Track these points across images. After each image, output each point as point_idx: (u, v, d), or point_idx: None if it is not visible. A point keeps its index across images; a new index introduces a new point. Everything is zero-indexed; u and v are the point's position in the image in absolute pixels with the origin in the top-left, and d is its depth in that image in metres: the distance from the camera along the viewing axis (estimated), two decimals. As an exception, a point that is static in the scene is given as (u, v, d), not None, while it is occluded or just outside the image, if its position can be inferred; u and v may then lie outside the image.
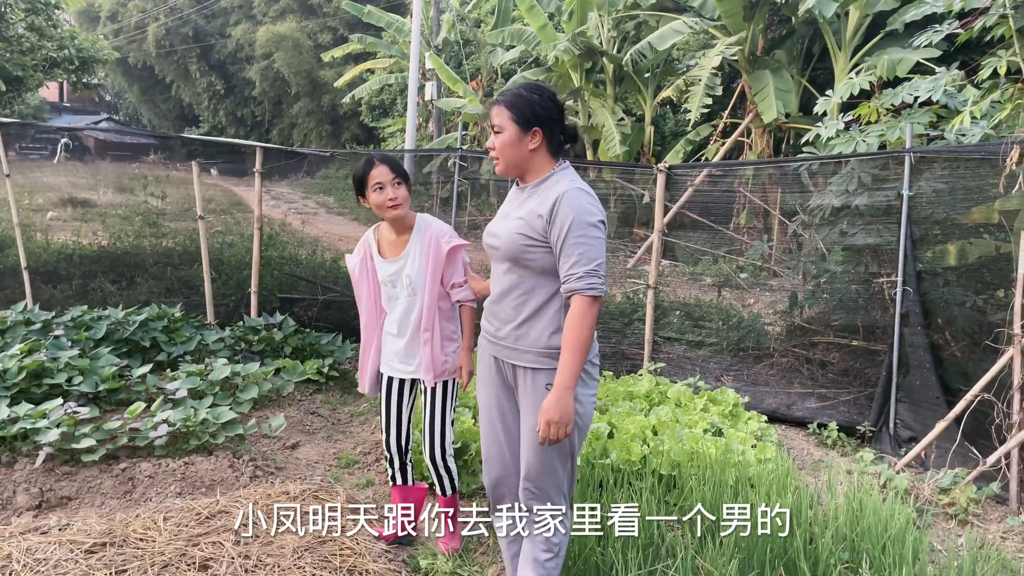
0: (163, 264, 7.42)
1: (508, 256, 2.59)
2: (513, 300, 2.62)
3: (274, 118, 32.52)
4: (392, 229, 3.29)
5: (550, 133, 2.59)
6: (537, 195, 2.58)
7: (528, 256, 2.54)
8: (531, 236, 2.52)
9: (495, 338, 2.72)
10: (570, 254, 2.45)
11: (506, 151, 2.59)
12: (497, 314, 2.70)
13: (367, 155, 3.24)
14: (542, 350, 2.58)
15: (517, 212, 2.60)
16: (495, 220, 2.72)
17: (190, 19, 32.10)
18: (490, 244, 2.69)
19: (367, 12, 18.85)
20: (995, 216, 5.19)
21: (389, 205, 3.15)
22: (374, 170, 3.16)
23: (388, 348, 3.40)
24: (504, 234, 2.58)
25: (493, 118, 2.60)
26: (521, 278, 2.60)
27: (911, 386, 5.10)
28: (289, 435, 4.91)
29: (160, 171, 10.50)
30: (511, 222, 2.59)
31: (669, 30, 11.72)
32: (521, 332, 2.61)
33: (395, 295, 3.31)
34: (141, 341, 5.81)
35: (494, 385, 2.79)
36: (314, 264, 7.67)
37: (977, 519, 4.15)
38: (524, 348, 2.61)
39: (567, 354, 2.45)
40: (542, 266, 2.55)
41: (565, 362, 2.45)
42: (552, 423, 2.44)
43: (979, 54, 6.95)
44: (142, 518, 3.51)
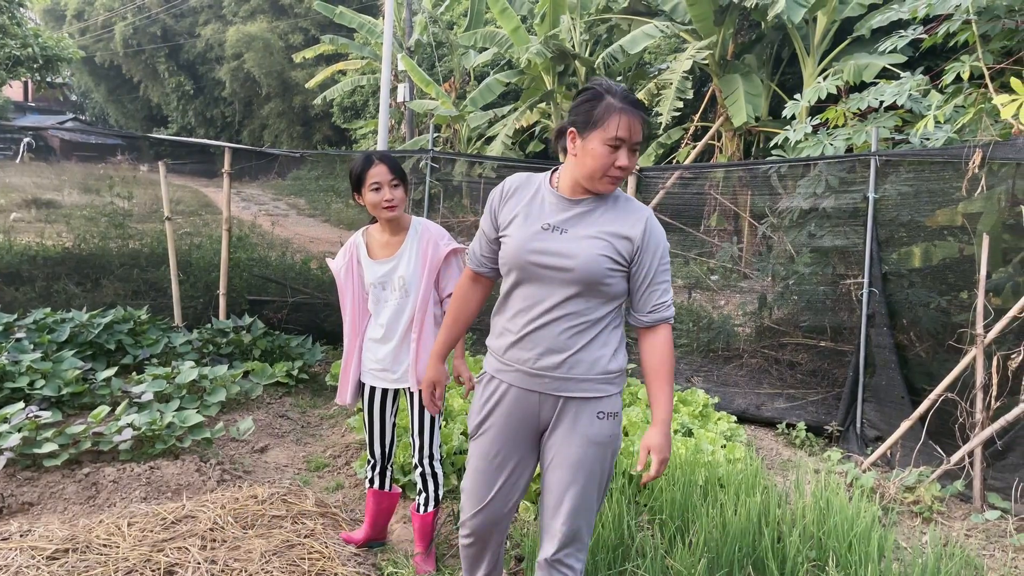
0: (129, 266, 7.31)
1: (584, 280, 2.24)
2: (570, 328, 2.29)
3: (245, 119, 32.21)
4: (385, 230, 3.20)
5: None
6: (604, 211, 2.29)
7: (608, 281, 2.25)
8: (615, 260, 2.24)
9: (536, 369, 2.33)
10: (660, 281, 2.29)
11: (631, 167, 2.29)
12: (543, 342, 2.31)
13: (363, 154, 3.12)
14: (599, 376, 2.32)
15: (585, 229, 2.27)
16: (534, 232, 2.31)
17: (158, 18, 31.70)
18: (549, 264, 2.27)
19: (339, 13, 18.76)
20: (958, 219, 5.28)
21: (385, 206, 3.06)
22: (372, 168, 3.05)
23: (370, 355, 3.27)
24: (583, 255, 2.22)
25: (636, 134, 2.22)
26: (587, 304, 2.28)
27: (877, 386, 5.17)
28: (258, 438, 4.86)
29: (127, 172, 10.36)
30: (590, 242, 2.24)
31: (641, 34, 11.79)
32: (575, 360, 2.30)
33: (384, 298, 3.19)
34: (106, 344, 5.71)
35: (513, 424, 2.42)
36: (284, 266, 7.60)
37: (941, 517, 4.21)
38: (579, 376, 2.31)
39: (667, 387, 2.30)
40: (615, 292, 2.29)
41: (666, 396, 2.29)
42: (666, 460, 2.30)
43: (943, 59, 7.08)
44: (105, 524, 3.45)
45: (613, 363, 2.33)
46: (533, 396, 2.36)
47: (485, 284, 2.61)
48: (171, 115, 34.38)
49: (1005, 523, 4.04)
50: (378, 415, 3.33)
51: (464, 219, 14.89)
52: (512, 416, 2.41)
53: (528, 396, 2.37)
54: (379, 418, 3.34)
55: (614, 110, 2.19)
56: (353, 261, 3.24)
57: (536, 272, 2.29)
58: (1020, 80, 4.81)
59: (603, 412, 2.33)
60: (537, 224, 2.31)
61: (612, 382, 2.34)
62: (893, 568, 3.14)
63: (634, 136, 2.20)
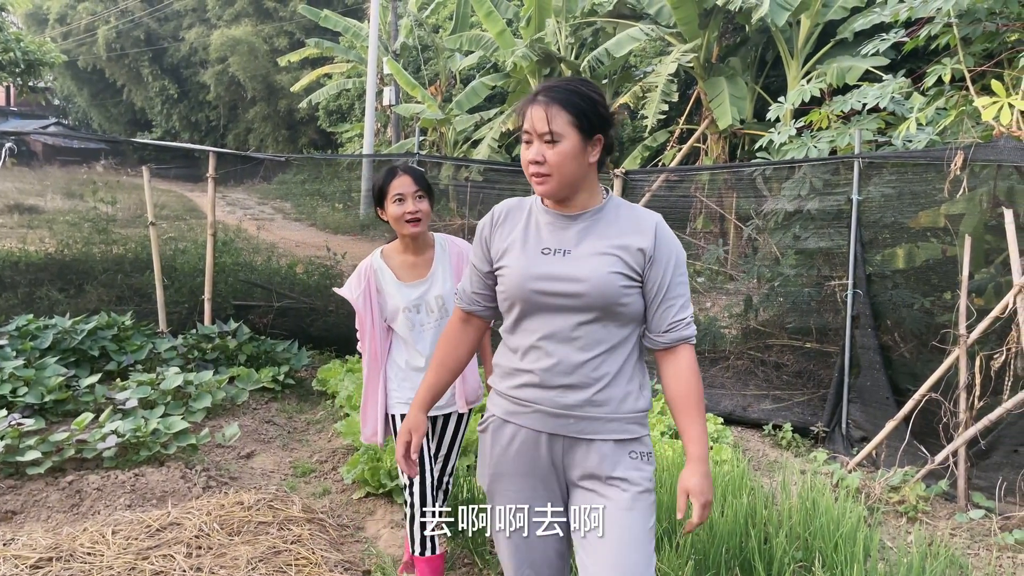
0: (113, 271, 7.25)
1: (598, 304, 1.96)
2: (591, 359, 1.99)
3: (229, 123, 32.08)
4: (408, 250, 2.98)
5: (608, 142, 2.03)
6: (608, 223, 2.02)
7: (624, 301, 1.97)
8: (628, 275, 1.97)
9: (558, 409, 2.01)
10: (676, 296, 2.00)
11: (566, 167, 1.94)
12: (560, 379, 2.01)
13: (389, 166, 2.95)
14: (627, 415, 2.02)
15: (590, 246, 1.99)
16: (534, 259, 2.02)
17: (142, 22, 31.54)
18: (554, 291, 1.98)
19: (324, 16, 18.74)
20: (941, 220, 5.33)
21: (408, 218, 2.85)
22: (396, 180, 2.87)
23: (409, 386, 2.95)
24: (592, 275, 1.94)
25: (549, 122, 1.92)
26: (607, 331, 1.99)
27: (862, 387, 5.20)
28: (244, 444, 4.83)
29: (110, 176, 10.30)
30: (598, 260, 1.97)
31: (626, 37, 11.82)
32: (601, 398, 1.99)
33: (420, 321, 2.94)
34: (89, 350, 5.67)
35: (539, 475, 2.07)
36: (269, 270, 7.57)
37: (926, 516, 4.24)
38: (608, 416, 2.00)
39: (699, 418, 1.99)
40: (633, 313, 2.01)
41: (697, 428, 1.97)
42: (708, 504, 1.97)
43: (925, 62, 7.14)
44: (90, 532, 3.42)
45: (641, 401, 2.05)
46: (556, 441, 2.03)
47: (477, 325, 2.26)
48: (155, 119, 34.20)
49: (989, 522, 4.07)
50: (424, 452, 2.94)
51: (451, 222, 14.89)
52: (534, 466, 2.07)
53: (551, 441, 2.04)
54: (426, 455, 2.96)
55: (525, 105, 1.99)
56: (371, 288, 2.99)
57: (542, 302, 2.00)
58: (1001, 82, 4.87)
59: (636, 452, 2.03)
60: (536, 249, 2.03)
61: (641, 423, 2.06)
62: (879, 568, 3.15)
63: (537, 126, 1.92)
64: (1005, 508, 4.14)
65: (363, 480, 4.17)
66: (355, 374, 5.70)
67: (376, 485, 4.12)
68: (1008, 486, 4.20)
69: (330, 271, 7.57)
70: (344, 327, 6.91)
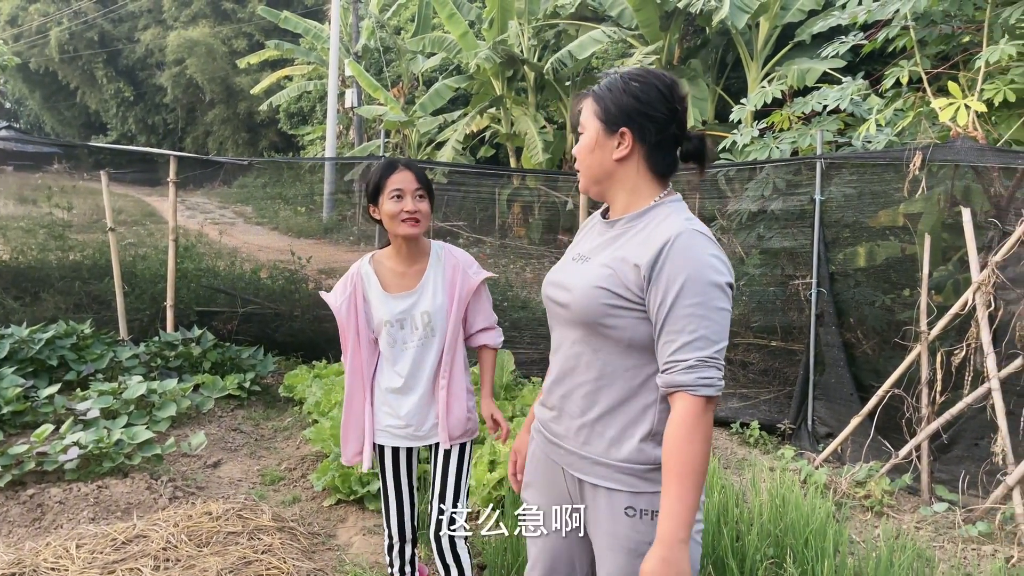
0: (70, 279, 7.09)
1: (581, 319, 1.74)
2: (583, 384, 1.78)
3: (188, 126, 31.58)
4: (400, 256, 2.68)
5: (647, 138, 1.75)
6: (634, 233, 1.75)
7: (611, 322, 1.70)
8: (619, 294, 1.69)
9: (553, 435, 1.87)
10: (678, 330, 1.62)
11: (584, 159, 1.81)
12: (557, 401, 1.86)
13: (386, 159, 2.69)
14: (621, 464, 1.73)
15: (602, 256, 1.77)
16: (563, 264, 1.90)
17: (95, 23, 30.90)
18: (554, 298, 1.84)
19: (284, 18, 18.56)
20: (900, 219, 5.44)
21: (405, 218, 2.55)
22: (396, 175, 2.58)
23: (387, 410, 2.69)
24: (579, 286, 1.74)
25: (580, 115, 1.82)
26: (596, 354, 1.74)
27: (827, 384, 5.28)
28: (210, 453, 4.75)
29: (65, 181, 10.08)
30: (591, 269, 1.76)
31: (588, 39, 11.88)
32: (591, 433, 1.77)
33: (402, 338, 2.65)
34: (48, 360, 5.53)
35: (555, 495, 1.90)
36: (233, 276, 7.45)
37: (892, 510, 4.31)
38: (595, 457, 1.76)
39: (673, 488, 1.58)
40: (630, 338, 1.71)
41: (672, 500, 1.58)
42: None
43: (882, 64, 7.28)
44: (53, 546, 3.34)
45: (651, 450, 1.71)
46: (557, 469, 1.88)
47: None
48: (110, 122, 33.52)
49: (953, 515, 4.16)
50: (405, 483, 2.75)
51: (416, 225, 14.83)
52: (545, 489, 1.93)
53: (553, 467, 1.89)
54: (407, 487, 2.76)
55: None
56: (357, 296, 2.69)
57: (550, 309, 1.87)
58: (957, 84, 4.98)
59: (634, 508, 1.72)
60: (571, 254, 1.88)
61: (646, 477, 1.72)
62: (848, 562, 3.20)
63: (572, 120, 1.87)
64: (967, 500, 4.23)
65: (334, 487, 4.12)
66: (323, 380, 5.64)
67: (347, 492, 4.08)
68: (970, 479, 4.29)
69: (295, 276, 7.48)
70: (310, 332, 6.84)
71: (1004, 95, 4.83)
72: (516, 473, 2.16)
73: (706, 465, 1.61)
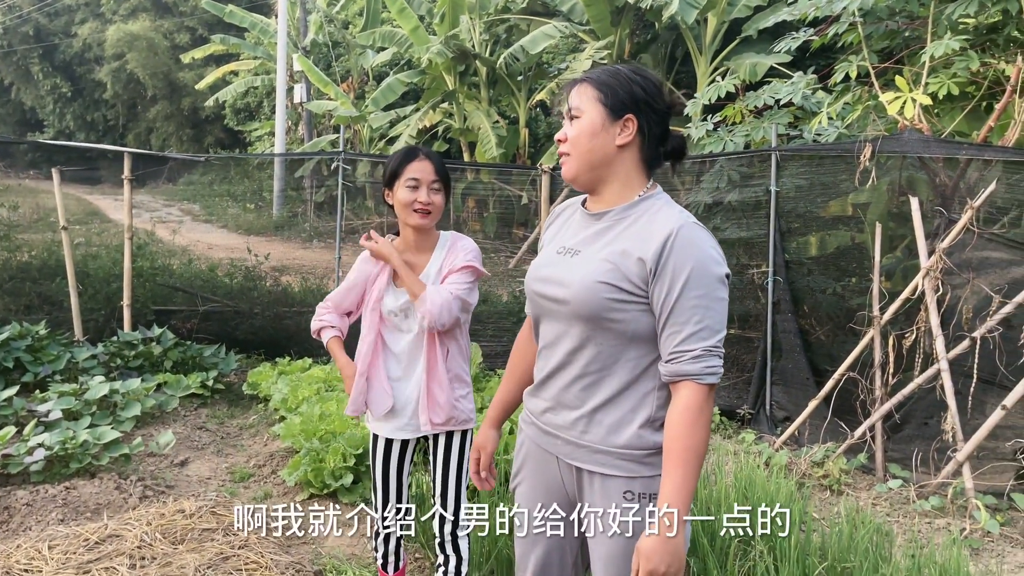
0: (19, 279, 6.91)
1: (582, 314, 1.75)
2: (582, 377, 1.80)
3: (129, 122, 30.78)
4: (408, 248, 2.65)
5: (649, 130, 1.80)
6: (626, 226, 1.79)
7: (615, 316, 1.73)
8: (621, 288, 1.72)
9: (549, 427, 1.88)
10: (684, 321, 1.67)
11: (582, 143, 1.79)
12: (553, 393, 1.87)
13: (408, 147, 2.65)
14: (620, 450, 1.77)
15: (595, 250, 1.79)
16: (548, 257, 1.89)
17: (30, 17, 29.90)
18: (548, 295, 1.84)
19: (228, 12, 18.24)
20: (849, 209, 5.64)
21: (418, 207, 2.53)
22: (415, 163, 2.54)
23: (383, 396, 2.65)
24: (578, 282, 1.75)
25: (571, 99, 1.82)
26: (599, 347, 1.77)
27: (784, 369, 5.46)
28: (177, 452, 4.70)
29: (8, 180, 9.77)
30: (590, 265, 1.76)
31: (540, 34, 11.97)
32: (591, 421, 1.79)
33: (407, 327, 2.64)
34: (3, 362, 5.40)
35: (545, 492, 1.94)
36: (190, 274, 7.36)
37: (849, 488, 4.49)
38: (594, 445, 1.79)
39: (677, 471, 1.64)
40: (634, 330, 1.74)
41: (674, 482, 1.64)
42: (655, 574, 1.64)
43: (829, 59, 7.49)
44: (24, 548, 3.29)
45: (649, 436, 1.76)
46: (551, 459, 1.90)
47: None
48: (47, 119, 32.47)
49: (907, 491, 4.35)
50: (394, 475, 2.74)
51: (369, 220, 14.74)
52: (537, 480, 1.96)
53: (547, 458, 1.91)
54: (395, 479, 2.75)
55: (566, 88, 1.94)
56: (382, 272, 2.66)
57: (542, 305, 1.88)
58: (903, 78, 5.18)
59: (632, 492, 1.76)
60: (555, 248, 1.89)
61: (644, 462, 1.76)
62: (813, 538, 3.34)
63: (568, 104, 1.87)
64: (920, 477, 4.43)
65: (306, 482, 4.13)
66: (288, 376, 5.62)
67: (320, 486, 4.09)
68: (922, 456, 4.48)
69: (252, 273, 7.41)
70: (271, 330, 6.80)
71: (948, 88, 5.04)
72: (479, 471, 2.17)
73: (705, 450, 1.69)
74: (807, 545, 3.27)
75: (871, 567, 3.11)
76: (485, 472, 2.18)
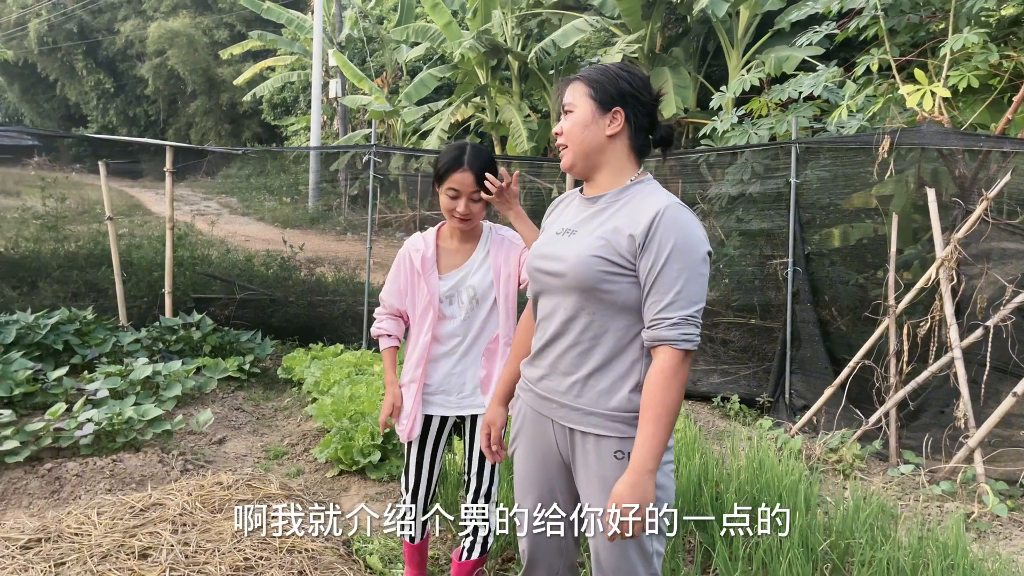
0: (67, 268, 7.24)
1: (577, 285, 1.95)
2: (576, 345, 1.99)
3: (169, 117, 31.45)
4: (454, 238, 2.77)
5: (636, 120, 2.00)
6: (618, 207, 1.98)
7: (607, 287, 1.92)
8: (613, 261, 1.92)
9: (546, 392, 2.06)
10: (665, 291, 1.86)
11: (576, 135, 2.00)
12: (550, 361, 2.05)
13: (459, 145, 2.67)
14: (611, 412, 1.95)
15: (591, 229, 1.99)
16: (548, 238, 2.10)
17: (74, 15, 30.67)
18: (547, 270, 2.04)
19: (266, 8, 18.57)
20: (872, 201, 5.70)
21: (457, 216, 2.64)
22: (456, 174, 2.59)
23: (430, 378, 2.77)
24: (574, 256, 1.95)
25: (565, 96, 2.04)
26: (592, 317, 1.96)
27: (803, 358, 5.55)
28: (215, 431, 4.95)
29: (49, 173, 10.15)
30: (585, 241, 1.97)
31: (572, 28, 12.07)
32: (584, 386, 1.98)
33: (452, 313, 2.74)
34: (53, 345, 5.69)
35: (537, 452, 2.12)
36: (227, 264, 7.64)
37: (862, 473, 4.59)
38: (587, 408, 1.97)
39: (649, 426, 1.84)
40: (623, 301, 1.93)
41: (647, 436, 1.83)
42: (632, 513, 1.82)
43: (857, 51, 7.52)
44: (74, 514, 3.53)
45: (638, 399, 1.91)
46: (546, 422, 2.08)
47: None
48: (90, 114, 33.31)
49: (918, 476, 4.44)
50: (429, 450, 2.82)
51: (402, 214, 14.98)
52: (533, 442, 2.13)
53: (542, 421, 2.09)
54: (431, 455, 2.83)
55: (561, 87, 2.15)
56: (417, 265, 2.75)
57: (541, 280, 2.07)
58: (923, 71, 5.23)
59: (622, 452, 1.94)
60: (554, 230, 2.10)
61: (632, 423, 1.92)
62: (819, 516, 3.46)
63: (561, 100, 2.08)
64: (932, 463, 4.51)
65: (336, 459, 4.34)
66: (321, 361, 5.85)
67: (349, 463, 4.29)
68: (935, 443, 4.57)
69: (287, 263, 7.67)
70: (304, 317, 7.06)
71: (968, 81, 5.09)
72: (491, 444, 2.38)
73: (678, 410, 1.88)
74: (812, 522, 3.39)
75: (874, 543, 3.23)
76: (496, 446, 2.38)
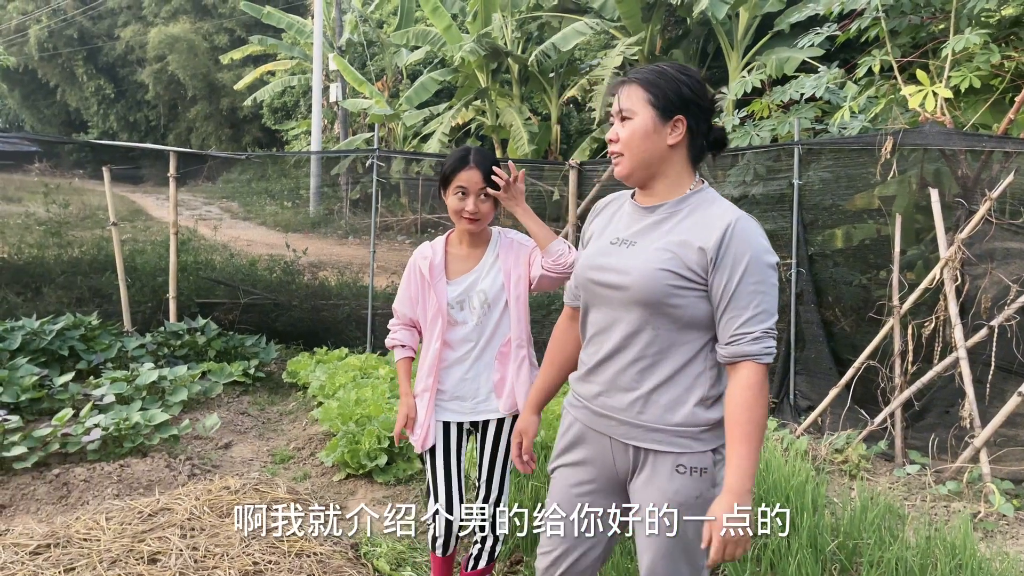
0: (71, 273, 7.26)
1: (643, 299, 1.87)
2: (639, 360, 1.92)
3: (170, 122, 31.50)
4: (463, 243, 2.75)
5: (696, 128, 1.92)
6: (680, 219, 1.91)
7: (675, 302, 1.86)
8: (683, 275, 1.85)
9: (604, 409, 1.98)
10: (743, 306, 1.81)
11: (635, 144, 1.90)
12: (607, 377, 1.97)
13: (464, 148, 2.68)
14: (676, 427, 1.90)
15: (652, 240, 1.91)
16: (602, 248, 2.00)
17: (74, 21, 30.73)
18: (605, 282, 1.96)
19: (266, 13, 18.61)
20: (875, 202, 5.71)
21: (466, 216, 2.61)
22: (463, 172, 2.59)
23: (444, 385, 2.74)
24: (639, 269, 1.87)
25: (621, 100, 1.93)
26: (657, 332, 1.89)
27: (807, 359, 5.56)
28: (221, 435, 4.96)
29: (56, 179, 10.17)
30: (648, 253, 1.89)
31: (571, 31, 12.09)
32: (647, 402, 1.91)
33: (463, 318, 2.71)
34: (59, 350, 5.71)
35: (594, 470, 2.04)
36: (231, 268, 7.65)
37: (868, 474, 4.59)
38: (651, 424, 1.91)
39: (741, 446, 1.78)
40: (691, 316, 1.88)
41: (740, 457, 1.78)
42: (729, 542, 1.76)
43: (858, 52, 7.54)
44: (83, 520, 3.54)
45: (702, 413, 1.89)
46: (604, 440, 2.00)
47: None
48: (91, 120, 33.35)
49: (924, 476, 4.45)
50: (452, 457, 2.76)
51: (403, 217, 15.01)
52: (588, 459, 2.05)
53: (599, 439, 2.01)
54: (452, 460, 2.76)
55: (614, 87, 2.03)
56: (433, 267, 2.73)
57: (597, 292, 1.98)
58: (925, 72, 5.24)
59: (684, 466, 1.89)
60: (608, 239, 2.01)
61: (698, 438, 1.90)
62: (826, 516, 3.47)
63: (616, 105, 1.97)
64: (938, 463, 4.52)
65: (343, 462, 4.34)
66: (326, 365, 5.86)
67: (356, 466, 4.30)
68: (940, 443, 4.58)
69: (291, 267, 7.69)
70: (309, 321, 7.07)
71: (970, 81, 5.10)
72: (521, 454, 2.35)
73: (766, 424, 1.83)
74: (820, 523, 3.40)
75: (882, 544, 3.24)
76: (527, 456, 2.35)
